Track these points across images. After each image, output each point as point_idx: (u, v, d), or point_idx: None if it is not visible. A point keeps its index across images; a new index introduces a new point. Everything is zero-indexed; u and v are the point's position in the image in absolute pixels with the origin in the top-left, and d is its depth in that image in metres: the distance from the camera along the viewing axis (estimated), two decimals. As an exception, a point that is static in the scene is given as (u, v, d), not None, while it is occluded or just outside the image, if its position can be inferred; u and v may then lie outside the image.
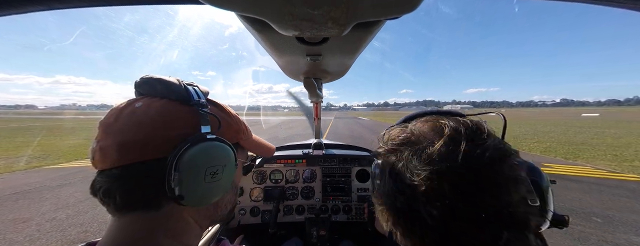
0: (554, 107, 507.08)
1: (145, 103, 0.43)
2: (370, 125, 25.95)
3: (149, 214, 0.40)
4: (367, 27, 0.43)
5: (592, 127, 20.43)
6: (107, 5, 0.42)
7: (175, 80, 0.46)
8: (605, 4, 0.38)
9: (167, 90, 0.45)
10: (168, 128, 0.42)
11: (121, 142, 0.39)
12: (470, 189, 0.33)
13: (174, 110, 0.44)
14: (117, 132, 0.40)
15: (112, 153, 0.39)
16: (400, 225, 0.40)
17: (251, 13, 0.34)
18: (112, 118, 0.42)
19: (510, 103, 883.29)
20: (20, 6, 0.39)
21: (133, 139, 0.39)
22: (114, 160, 0.39)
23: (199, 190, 0.42)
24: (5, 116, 66.42)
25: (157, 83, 0.45)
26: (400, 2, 0.32)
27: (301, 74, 0.84)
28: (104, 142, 0.40)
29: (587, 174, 5.82)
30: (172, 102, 0.45)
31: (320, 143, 1.70)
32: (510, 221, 0.33)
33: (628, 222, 3.32)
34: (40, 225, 3.43)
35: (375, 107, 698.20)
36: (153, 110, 0.42)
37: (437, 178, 0.34)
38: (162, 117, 0.42)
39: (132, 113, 0.42)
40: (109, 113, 0.43)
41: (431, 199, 0.34)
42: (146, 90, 0.46)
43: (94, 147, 0.41)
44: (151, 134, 0.40)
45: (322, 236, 1.39)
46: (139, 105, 0.43)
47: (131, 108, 0.42)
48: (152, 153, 0.40)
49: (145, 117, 0.41)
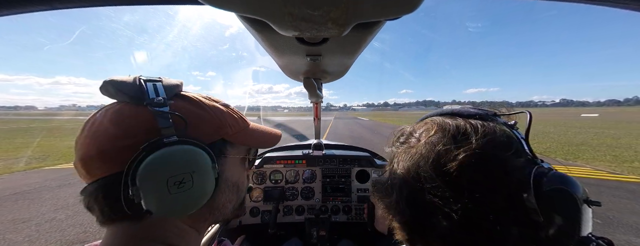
0: (554, 107, 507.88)
1: (102, 111, 0.40)
2: (370, 126, 25.95)
3: (133, 225, 0.39)
4: (367, 28, 0.43)
5: (591, 127, 20.44)
6: (107, 5, 0.42)
7: (130, 78, 0.41)
8: (605, 4, 0.38)
9: (120, 92, 0.39)
10: (124, 137, 0.37)
11: (83, 157, 0.37)
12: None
13: (127, 115, 0.39)
14: (80, 146, 0.38)
15: (80, 169, 0.38)
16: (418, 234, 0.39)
17: (251, 13, 0.34)
18: (80, 131, 0.40)
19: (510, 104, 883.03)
20: (20, 6, 0.39)
21: (90, 153, 0.37)
22: (84, 176, 0.38)
23: (167, 203, 0.37)
24: (5, 117, 66.36)
25: (109, 86, 0.39)
26: (400, 3, 0.32)
27: (301, 74, 0.84)
28: (75, 158, 0.39)
29: (587, 175, 5.82)
30: (127, 105, 0.40)
31: (320, 143, 1.70)
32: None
33: (628, 223, 3.32)
34: (40, 225, 3.42)
35: (375, 107, 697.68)
36: (107, 118, 0.38)
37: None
38: (115, 125, 0.38)
39: (92, 125, 0.39)
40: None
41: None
42: (107, 96, 0.41)
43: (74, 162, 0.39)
44: (107, 146, 0.37)
45: (322, 236, 1.39)
46: (98, 114, 0.40)
47: (93, 118, 0.40)
48: (111, 167, 0.36)
49: (100, 127, 0.38)
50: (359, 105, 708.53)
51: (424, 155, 0.36)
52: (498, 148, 0.33)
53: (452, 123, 0.38)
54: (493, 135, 0.35)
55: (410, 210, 0.37)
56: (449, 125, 0.38)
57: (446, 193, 0.32)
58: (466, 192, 0.31)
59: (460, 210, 0.31)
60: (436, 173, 0.34)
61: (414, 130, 0.43)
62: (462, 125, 0.37)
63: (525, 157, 0.34)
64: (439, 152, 0.35)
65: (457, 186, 0.32)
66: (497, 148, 0.33)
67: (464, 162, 0.32)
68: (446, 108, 0.45)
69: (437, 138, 0.37)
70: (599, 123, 26.45)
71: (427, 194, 0.34)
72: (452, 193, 0.32)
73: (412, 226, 0.39)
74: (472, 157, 0.32)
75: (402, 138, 0.45)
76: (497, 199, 0.31)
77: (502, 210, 0.31)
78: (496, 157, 0.33)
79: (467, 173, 0.32)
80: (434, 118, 0.43)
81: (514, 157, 0.33)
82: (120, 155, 0.36)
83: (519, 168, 0.32)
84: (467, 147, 0.33)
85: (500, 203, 0.31)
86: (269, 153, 1.69)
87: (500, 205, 0.31)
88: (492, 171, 0.32)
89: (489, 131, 0.35)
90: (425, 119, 0.45)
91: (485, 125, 0.36)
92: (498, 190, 0.31)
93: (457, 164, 0.32)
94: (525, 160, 0.34)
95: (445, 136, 0.36)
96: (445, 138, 0.36)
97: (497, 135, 0.35)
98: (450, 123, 0.38)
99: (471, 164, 0.32)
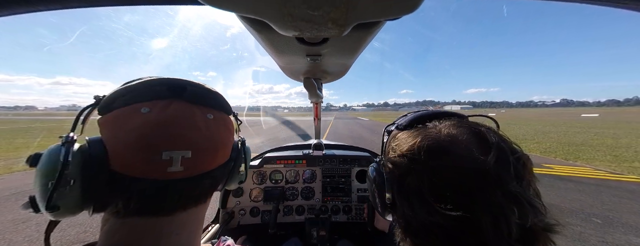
0: (554, 107, 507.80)
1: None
2: (369, 125, 25.95)
3: (199, 208, 0.45)
4: (367, 28, 0.43)
5: (591, 127, 20.43)
6: (107, 5, 0.42)
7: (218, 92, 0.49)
8: (605, 4, 0.38)
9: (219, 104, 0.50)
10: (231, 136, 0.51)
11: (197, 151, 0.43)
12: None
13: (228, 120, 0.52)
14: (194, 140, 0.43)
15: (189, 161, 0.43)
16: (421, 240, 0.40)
17: (251, 14, 0.34)
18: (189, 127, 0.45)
19: (510, 104, 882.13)
20: (20, 6, 0.39)
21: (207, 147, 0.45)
22: (193, 166, 0.43)
23: (241, 178, 0.55)
24: (5, 118, 66.38)
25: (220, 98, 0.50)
26: (400, 3, 0.32)
27: (301, 74, 0.84)
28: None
29: (587, 175, 5.82)
30: (222, 113, 0.50)
31: (320, 143, 1.70)
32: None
33: (628, 223, 3.32)
34: (40, 225, 3.42)
35: (375, 107, 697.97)
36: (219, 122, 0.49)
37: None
38: (227, 128, 0.50)
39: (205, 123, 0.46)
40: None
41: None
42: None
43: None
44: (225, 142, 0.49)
45: (322, 236, 1.39)
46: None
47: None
48: (222, 159, 0.49)
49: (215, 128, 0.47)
50: (359, 105, 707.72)
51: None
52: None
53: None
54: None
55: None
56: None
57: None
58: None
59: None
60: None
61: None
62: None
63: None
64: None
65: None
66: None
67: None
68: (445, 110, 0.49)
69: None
70: (599, 123, 26.45)
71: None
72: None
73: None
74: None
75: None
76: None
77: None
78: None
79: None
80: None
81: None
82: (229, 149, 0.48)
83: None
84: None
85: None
86: (269, 153, 1.69)
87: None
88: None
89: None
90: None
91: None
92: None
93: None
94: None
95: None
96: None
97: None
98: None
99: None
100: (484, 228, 0.34)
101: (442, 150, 0.39)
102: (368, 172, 0.56)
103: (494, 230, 0.33)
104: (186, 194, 0.41)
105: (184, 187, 0.40)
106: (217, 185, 0.47)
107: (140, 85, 0.41)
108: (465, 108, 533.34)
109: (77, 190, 0.36)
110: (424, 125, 0.47)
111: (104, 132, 0.38)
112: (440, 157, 0.38)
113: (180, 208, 0.41)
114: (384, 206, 0.48)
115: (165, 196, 0.39)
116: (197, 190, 0.42)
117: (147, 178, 0.37)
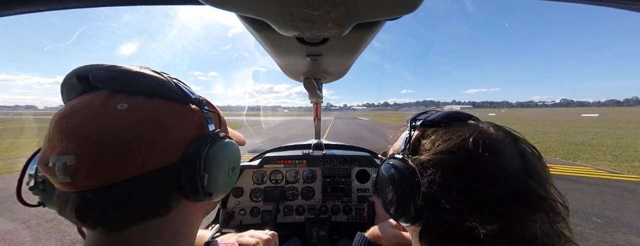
0: (554, 107, 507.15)
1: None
2: (370, 125, 25.95)
3: (170, 216, 0.40)
4: (367, 28, 0.43)
5: (591, 127, 20.42)
6: (107, 5, 0.42)
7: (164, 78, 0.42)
8: (605, 4, 0.38)
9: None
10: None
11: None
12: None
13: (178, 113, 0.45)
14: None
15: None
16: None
17: (251, 13, 0.34)
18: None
19: (510, 104, 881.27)
20: (20, 6, 0.39)
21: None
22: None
23: (225, 185, 0.45)
24: (5, 117, 66.34)
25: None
26: (400, 3, 0.32)
27: (301, 74, 0.84)
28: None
29: (587, 175, 5.82)
30: (172, 103, 0.43)
31: (320, 143, 1.70)
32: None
33: (628, 223, 3.32)
34: (40, 225, 3.43)
35: (375, 107, 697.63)
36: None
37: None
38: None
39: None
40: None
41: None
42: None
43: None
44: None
45: (322, 236, 1.39)
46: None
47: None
48: (169, 158, 0.41)
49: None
50: (359, 105, 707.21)
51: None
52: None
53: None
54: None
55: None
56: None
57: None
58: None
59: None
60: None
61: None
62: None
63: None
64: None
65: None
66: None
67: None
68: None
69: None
70: (599, 123, 26.44)
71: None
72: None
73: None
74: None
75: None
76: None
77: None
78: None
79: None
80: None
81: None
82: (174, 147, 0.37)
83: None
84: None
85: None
86: (269, 153, 1.69)
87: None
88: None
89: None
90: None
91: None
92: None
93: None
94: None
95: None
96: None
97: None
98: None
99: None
100: (532, 231, 0.33)
101: (498, 149, 0.36)
102: (380, 171, 0.48)
103: (540, 233, 0.33)
104: (111, 207, 0.32)
105: (101, 199, 0.32)
106: (164, 195, 0.36)
107: (64, 79, 0.37)
108: (466, 108, 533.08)
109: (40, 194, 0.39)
110: (463, 122, 0.44)
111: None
112: (499, 155, 0.36)
113: (123, 223, 0.34)
114: (406, 210, 0.40)
115: (88, 210, 0.32)
116: (124, 201, 0.33)
117: (64, 192, 0.33)
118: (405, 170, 0.41)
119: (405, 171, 0.41)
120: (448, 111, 0.47)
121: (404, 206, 0.40)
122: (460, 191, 0.35)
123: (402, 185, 0.41)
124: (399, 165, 0.42)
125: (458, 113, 0.47)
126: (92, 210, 0.32)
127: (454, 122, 0.44)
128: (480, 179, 0.35)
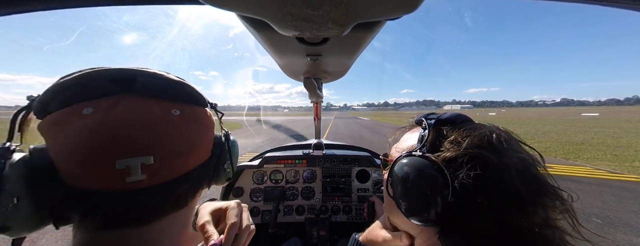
0: (554, 106, 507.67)
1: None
2: (370, 125, 25.95)
3: (184, 211, 0.43)
4: (367, 28, 0.43)
5: (592, 126, 20.41)
6: (107, 5, 0.42)
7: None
8: (605, 4, 0.38)
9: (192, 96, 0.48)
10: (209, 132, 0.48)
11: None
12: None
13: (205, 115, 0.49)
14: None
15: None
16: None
17: (251, 13, 0.34)
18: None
19: (510, 103, 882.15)
20: (20, 6, 0.39)
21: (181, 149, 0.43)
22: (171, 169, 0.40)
23: (230, 173, 0.53)
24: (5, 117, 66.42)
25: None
26: (400, 3, 0.32)
27: (301, 74, 0.84)
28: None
29: (588, 174, 5.81)
30: (197, 107, 0.47)
31: (321, 143, 1.70)
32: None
33: (629, 223, 3.32)
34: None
35: (375, 106, 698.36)
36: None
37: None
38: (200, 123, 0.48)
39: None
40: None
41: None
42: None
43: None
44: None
45: (322, 236, 1.39)
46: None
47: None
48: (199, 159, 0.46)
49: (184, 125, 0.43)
50: (359, 105, 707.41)
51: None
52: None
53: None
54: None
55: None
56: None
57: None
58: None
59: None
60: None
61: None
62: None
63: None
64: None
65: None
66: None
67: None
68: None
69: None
70: (599, 122, 26.43)
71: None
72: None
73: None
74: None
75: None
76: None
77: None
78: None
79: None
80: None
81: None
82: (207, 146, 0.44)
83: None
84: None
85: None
86: (269, 153, 1.69)
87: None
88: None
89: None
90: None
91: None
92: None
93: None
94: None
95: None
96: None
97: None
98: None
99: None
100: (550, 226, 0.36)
101: (515, 143, 0.40)
102: (394, 171, 0.44)
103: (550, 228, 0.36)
104: (158, 202, 0.36)
105: (153, 196, 0.34)
106: (199, 186, 0.43)
107: (80, 79, 0.34)
108: (466, 108, 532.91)
109: (26, 208, 0.31)
110: (471, 122, 0.46)
111: (45, 139, 0.32)
112: (519, 148, 0.40)
113: (154, 217, 0.36)
114: (429, 209, 0.38)
115: (130, 208, 0.33)
116: (172, 196, 0.37)
117: (103, 191, 0.32)
118: (429, 168, 0.39)
119: (430, 168, 0.39)
120: (455, 112, 0.49)
121: (427, 205, 0.38)
122: (493, 184, 0.35)
123: (427, 183, 0.39)
124: (419, 163, 0.40)
125: (461, 115, 0.49)
126: (144, 206, 0.35)
127: (465, 121, 0.47)
128: (510, 171, 0.35)
